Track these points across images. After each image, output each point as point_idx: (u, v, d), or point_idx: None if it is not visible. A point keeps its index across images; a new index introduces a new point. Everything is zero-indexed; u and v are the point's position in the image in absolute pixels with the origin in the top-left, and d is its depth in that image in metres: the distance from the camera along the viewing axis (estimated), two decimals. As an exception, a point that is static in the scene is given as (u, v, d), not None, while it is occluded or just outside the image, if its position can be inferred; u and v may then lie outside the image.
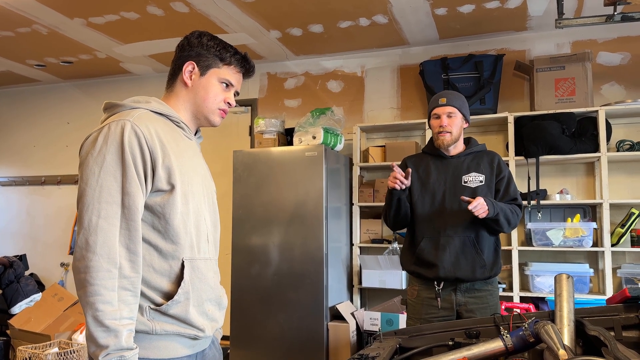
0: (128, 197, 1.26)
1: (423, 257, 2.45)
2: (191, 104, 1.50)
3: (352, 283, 3.93)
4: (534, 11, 3.52)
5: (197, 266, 1.39)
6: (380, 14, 3.58)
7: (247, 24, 3.75)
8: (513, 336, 1.47)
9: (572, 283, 1.60)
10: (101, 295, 1.19)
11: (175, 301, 1.32)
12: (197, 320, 1.37)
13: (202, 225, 1.44)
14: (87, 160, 1.27)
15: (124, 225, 1.26)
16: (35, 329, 3.94)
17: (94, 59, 4.54)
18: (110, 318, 1.19)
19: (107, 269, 1.21)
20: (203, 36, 1.51)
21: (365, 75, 4.37)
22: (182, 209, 1.36)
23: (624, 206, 3.50)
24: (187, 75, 1.48)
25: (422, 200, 2.50)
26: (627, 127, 3.62)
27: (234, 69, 1.53)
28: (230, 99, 1.53)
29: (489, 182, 2.45)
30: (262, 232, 3.66)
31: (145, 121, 1.34)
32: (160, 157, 1.33)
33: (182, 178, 1.37)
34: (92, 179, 1.25)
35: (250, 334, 3.62)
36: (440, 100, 2.47)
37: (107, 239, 1.22)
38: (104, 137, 1.29)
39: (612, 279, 3.36)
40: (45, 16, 3.62)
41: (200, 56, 1.48)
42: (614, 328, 1.54)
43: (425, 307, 2.45)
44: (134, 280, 1.25)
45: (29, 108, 5.47)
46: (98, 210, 1.23)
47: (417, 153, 2.69)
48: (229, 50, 1.51)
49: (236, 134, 4.71)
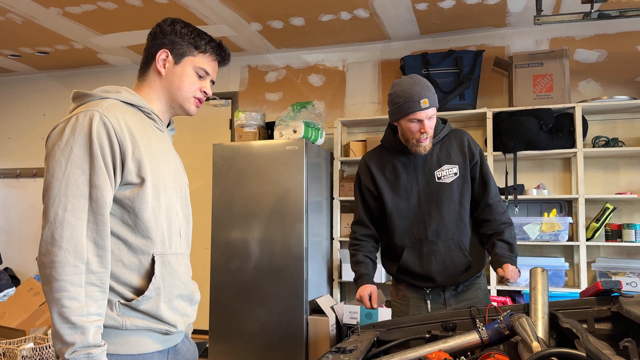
0: (96, 190, 1.23)
1: (408, 268, 2.25)
2: (165, 93, 1.46)
3: (332, 277, 3.94)
4: (513, 7, 3.55)
5: (169, 261, 1.36)
6: (362, 8, 3.57)
7: (227, 16, 3.72)
8: (488, 329, 1.49)
9: (547, 276, 1.63)
10: (67, 291, 1.16)
11: (145, 297, 1.29)
12: (168, 315, 1.35)
13: (174, 220, 1.41)
14: (54, 152, 1.23)
15: (91, 219, 1.22)
16: (10, 324, 3.87)
17: (71, 49, 4.45)
18: (77, 314, 1.16)
19: (73, 264, 1.18)
20: (176, 23, 1.46)
21: (346, 70, 4.36)
22: (153, 203, 1.33)
23: (599, 201, 3.57)
24: (161, 64, 1.44)
25: (396, 207, 2.25)
26: (602, 123, 3.69)
27: (209, 57, 1.49)
28: (206, 87, 1.50)
29: (464, 172, 2.23)
30: (242, 227, 3.65)
31: (115, 112, 1.30)
32: (130, 149, 1.29)
33: (153, 171, 1.34)
34: (59, 171, 1.21)
35: (230, 328, 3.60)
36: (422, 102, 2.07)
37: (73, 233, 1.19)
38: (71, 128, 1.25)
39: (586, 273, 3.43)
40: (19, 5, 3.54)
41: (174, 44, 1.44)
42: (587, 320, 1.57)
43: (412, 307, 2.26)
44: (101, 275, 1.22)
45: (3, 99, 5.35)
46: (64, 204, 1.20)
47: (376, 148, 2.40)
48: (204, 38, 1.47)
49: (216, 127, 4.68)
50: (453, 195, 2.21)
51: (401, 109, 2.12)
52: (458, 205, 2.22)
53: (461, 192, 2.23)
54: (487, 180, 2.25)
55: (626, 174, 3.63)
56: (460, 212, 2.23)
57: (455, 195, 2.22)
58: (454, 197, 2.21)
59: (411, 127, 2.13)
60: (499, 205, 2.24)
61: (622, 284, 1.63)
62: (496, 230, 2.21)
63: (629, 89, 3.67)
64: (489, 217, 2.24)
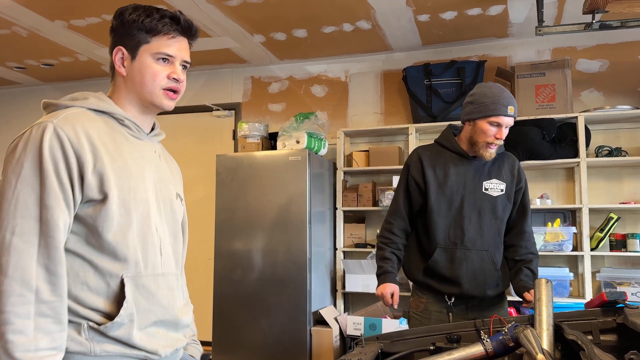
0: (46, 210, 1.10)
1: (437, 270, 2.19)
2: (133, 93, 1.30)
3: (335, 287, 3.93)
4: (514, 18, 3.57)
5: (143, 284, 1.21)
6: (364, 19, 3.59)
7: (231, 28, 3.75)
8: (493, 341, 1.48)
9: (551, 287, 1.62)
10: (12, 324, 1.03)
11: (116, 323, 1.15)
12: (146, 342, 1.20)
13: (150, 237, 1.26)
14: (6, 170, 1.12)
15: (42, 243, 1.09)
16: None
17: (75, 61, 4.49)
18: (22, 350, 1.03)
19: (19, 293, 1.05)
20: (125, 12, 1.28)
21: (349, 80, 4.38)
22: (120, 220, 1.19)
23: (602, 211, 3.56)
24: (119, 64, 1.29)
25: (438, 204, 2.21)
26: (605, 133, 3.69)
27: (167, 36, 1.28)
28: (175, 72, 1.29)
29: (509, 192, 2.23)
30: (246, 237, 3.65)
31: (73, 121, 1.17)
32: (91, 161, 1.15)
33: (121, 185, 1.20)
34: (9, 191, 1.10)
35: (233, 339, 3.59)
36: (509, 108, 2.09)
37: (20, 259, 1.06)
38: (24, 142, 1.13)
39: (591, 283, 3.41)
40: (25, 18, 3.57)
41: (126, 37, 1.27)
42: (592, 332, 1.56)
43: (433, 321, 2.19)
44: (54, 305, 1.08)
45: (8, 111, 5.39)
46: (12, 227, 1.08)
47: (431, 144, 2.37)
48: (154, 16, 1.27)
49: (219, 138, 4.69)
50: (496, 209, 2.21)
51: (487, 108, 2.10)
52: (499, 220, 2.22)
53: (504, 209, 2.23)
54: (526, 208, 2.27)
55: (630, 184, 3.62)
56: (499, 228, 2.23)
57: (498, 210, 2.21)
58: (497, 211, 2.21)
59: (488, 130, 2.12)
60: (532, 236, 2.26)
61: (627, 295, 1.62)
62: (525, 258, 2.21)
63: (631, 98, 3.67)
64: (521, 243, 2.24)
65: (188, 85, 4.81)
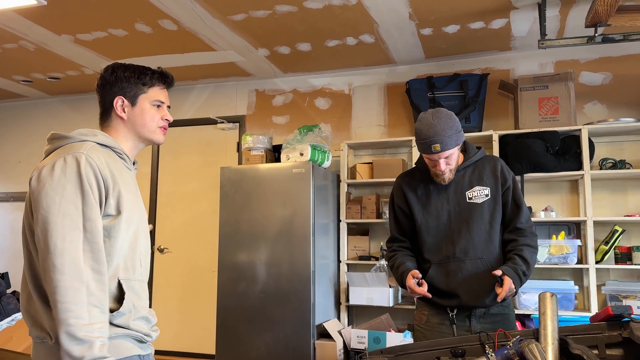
0: (89, 222, 1.36)
1: (434, 285, 2.23)
2: (131, 133, 1.61)
3: (339, 300, 3.91)
4: (517, 31, 3.59)
5: (132, 286, 1.48)
6: (367, 33, 3.62)
7: (236, 42, 3.78)
8: (498, 355, 1.48)
9: (556, 301, 1.62)
10: (72, 311, 1.27)
11: (120, 313, 1.41)
12: (141, 327, 1.48)
13: (137, 251, 1.53)
14: (46, 190, 1.36)
15: (87, 248, 1.34)
16: (17, 348, 3.86)
17: (81, 75, 4.53)
18: (83, 331, 1.26)
19: (76, 287, 1.29)
20: (117, 70, 1.60)
21: (352, 93, 4.40)
22: (124, 234, 1.47)
23: (607, 223, 3.55)
24: (120, 110, 1.59)
25: (426, 224, 2.28)
26: (609, 145, 3.69)
27: (158, 88, 1.64)
28: (166, 115, 1.65)
29: (495, 195, 2.24)
30: (249, 249, 3.65)
31: (97, 153, 1.45)
32: (112, 185, 1.44)
33: (127, 205, 1.48)
34: (54, 207, 1.34)
35: (237, 352, 3.58)
36: (433, 147, 2.11)
37: (72, 261, 1.31)
38: (61, 168, 1.39)
39: (596, 296, 3.39)
40: (32, 33, 3.62)
41: (124, 89, 1.59)
42: (598, 346, 1.56)
43: (436, 334, 2.22)
44: (100, 298, 1.33)
45: (15, 123, 5.43)
46: (63, 235, 1.32)
47: (411, 169, 2.45)
48: (147, 73, 1.62)
49: (224, 151, 4.71)
50: (483, 215, 2.22)
51: (419, 147, 2.21)
52: (488, 226, 2.22)
53: (492, 213, 2.23)
54: (519, 205, 2.25)
55: (634, 196, 3.61)
56: (490, 233, 2.22)
57: (485, 215, 2.22)
58: (484, 217, 2.22)
59: (429, 163, 2.23)
60: (528, 231, 2.23)
61: (632, 308, 1.61)
62: (517, 247, 2.19)
63: (635, 111, 3.67)
64: (515, 237, 2.22)
65: (193, 98, 4.85)
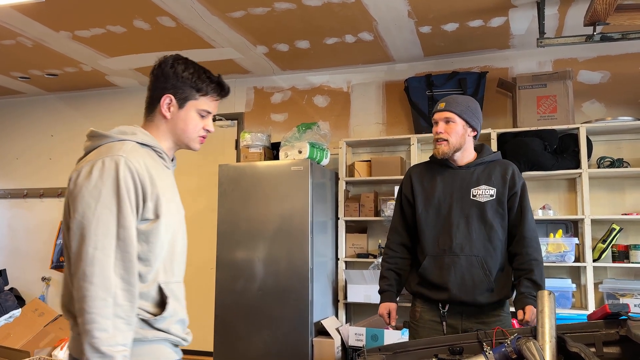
0: (123, 230, 1.33)
1: (427, 278, 2.25)
2: (171, 134, 1.55)
3: (337, 298, 3.92)
4: (516, 30, 3.59)
5: (172, 289, 1.46)
6: (366, 31, 3.62)
7: (234, 39, 3.77)
8: (496, 353, 1.48)
9: (554, 299, 1.62)
10: (97, 322, 1.25)
11: (162, 317, 1.41)
12: (178, 330, 1.48)
13: (175, 251, 1.50)
14: (82, 194, 1.33)
15: (118, 257, 1.31)
16: (14, 344, 3.86)
17: (79, 71, 4.52)
18: (106, 345, 1.25)
19: (103, 297, 1.27)
20: (177, 64, 1.52)
21: (351, 91, 4.40)
22: (163, 238, 1.43)
23: (605, 222, 3.55)
24: (166, 108, 1.52)
25: (425, 214, 2.30)
26: (607, 144, 3.69)
27: (211, 98, 1.56)
28: (209, 125, 1.58)
29: (500, 197, 2.23)
30: (247, 247, 3.65)
31: (136, 155, 1.40)
32: (150, 189, 1.40)
33: (165, 208, 1.44)
34: (89, 212, 1.31)
35: (235, 349, 3.58)
36: (439, 104, 2.28)
37: (102, 270, 1.28)
38: (98, 171, 1.35)
39: (594, 294, 3.40)
40: (30, 29, 3.60)
41: (177, 88, 1.51)
42: (595, 344, 1.56)
43: (427, 330, 2.24)
44: (127, 309, 1.31)
45: (12, 120, 5.42)
46: (95, 242, 1.29)
47: (424, 162, 2.47)
48: (204, 80, 1.53)
49: (222, 148, 4.71)
50: (485, 214, 2.22)
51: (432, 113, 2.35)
52: (488, 225, 2.21)
53: (494, 214, 2.22)
54: (525, 213, 2.25)
55: (632, 195, 3.62)
56: (489, 233, 2.21)
57: (487, 215, 2.21)
58: (486, 216, 2.21)
59: (433, 130, 2.31)
60: (534, 241, 2.23)
61: (630, 306, 1.62)
62: (526, 267, 2.19)
63: (633, 109, 3.68)
64: (522, 250, 2.21)
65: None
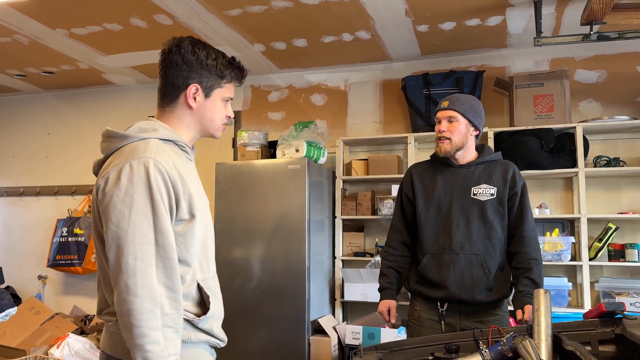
0: (161, 235, 1.27)
1: (426, 275, 2.26)
2: (197, 124, 1.50)
3: (334, 296, 3.92)
4: (513, 29, 3.60)
5: (210, 286, 1.44)
6: (363, 29, 3.62)
7: (231, 38, 3.77)
8: (492, 351, 1.48)
9: (550, 298, 1.63)
10: (148, 336, 1.21)
11: (206, 317, 1.39)
12: (219, 332, 1.47)
13: (208, 246, 1.47)
14: (114, 202, 1.26)
15: (159, 264, 1.26)
16: (10, 343, 3.85)
17: (76, 69, 4.50)
18: (160, 357, 1.22)
19: (150, 309, 1.22)
20: (198, 50, 1.45)
21: (348, 89, 4.40)
22: (198, 236, 1.39)
23: (601, 221, 3.56)
24: (192, 99, 1.45)
25: (426, 212, 2.31)
26: (604, 143, 3.70)
27: (234, 84, 1.54)
28: (230, 112, 1.54)
29: (501, 196, 2.24)
30: (244, 245, 3.65)
31: (163, 154, 1.34)
32: (181, 189, 1.34)
33: (198, 206, 1.39)
34: (123, 221, 1.25)
35: (231, 348, 3.57)
36: (442, 103, 2.30)
37: (145, 280, 1.23)
38: (127, 176, 1.28)
39: (590, 293, 3.41)
40: (26, 26, 3.59)
41: (202, 77, 1.45)
42: (591, 343, 1.57)
43: (426, 329, 2.24)
44: (174, 316, 1.27)
45: (8, 118, 5.40)
46: (134, 252, 1.23)
47: (424, 160, 2.48)
48: (227, 67, 1.49)
49: (219, 146, 4.70)
50: (485, 213, 2.23)
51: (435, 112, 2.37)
52: (488, 224, 2.23)
53: (494, 213, 2.24)
54: (525, 213, 2.26)
55: (628, 194, 3.63)
56: (489, 232, 2.23)
57: (487, 213, 2.23)
58: (486, 215, 2.23)
59: (436, 128, 2.33)
60: (533, 240, 2.24)
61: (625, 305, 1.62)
62: (525, 266, 2.20)
63: (629, 109, 3.69)
64: (521, 249, 2.23)
65: (188, 93, 4.82)
